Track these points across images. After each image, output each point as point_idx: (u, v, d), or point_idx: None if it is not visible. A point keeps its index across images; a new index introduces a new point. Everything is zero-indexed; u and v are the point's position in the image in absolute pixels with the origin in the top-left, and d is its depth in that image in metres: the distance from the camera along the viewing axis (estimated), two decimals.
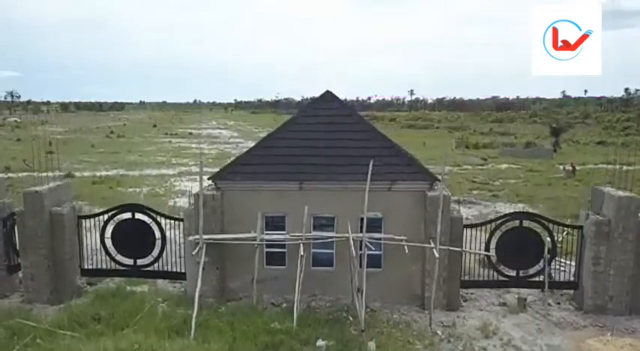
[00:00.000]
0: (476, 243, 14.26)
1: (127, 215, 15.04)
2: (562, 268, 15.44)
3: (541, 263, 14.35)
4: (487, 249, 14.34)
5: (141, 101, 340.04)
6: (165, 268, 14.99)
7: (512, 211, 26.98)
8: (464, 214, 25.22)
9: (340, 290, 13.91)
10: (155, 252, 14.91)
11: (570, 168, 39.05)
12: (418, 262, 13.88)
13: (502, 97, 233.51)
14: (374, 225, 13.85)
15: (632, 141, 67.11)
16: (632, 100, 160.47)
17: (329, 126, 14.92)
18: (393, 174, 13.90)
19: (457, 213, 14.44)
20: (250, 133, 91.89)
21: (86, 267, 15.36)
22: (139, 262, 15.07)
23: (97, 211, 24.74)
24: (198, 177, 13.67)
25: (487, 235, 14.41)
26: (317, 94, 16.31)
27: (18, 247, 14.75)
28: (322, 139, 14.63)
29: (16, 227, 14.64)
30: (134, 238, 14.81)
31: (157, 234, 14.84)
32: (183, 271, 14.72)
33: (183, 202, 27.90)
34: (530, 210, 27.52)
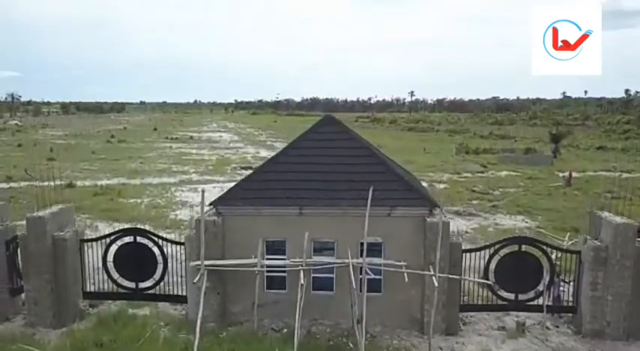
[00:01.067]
0: (476, 262, 14.30)
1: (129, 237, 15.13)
2: (561, 289, 15.52)
3: (540, 287, 14.45)
4: (486, 273, 14.41)
5: (141, 101, 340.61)
6: (167, 288, 15.04)
7: (512, 223, 27.34)
8: (463, 226, 25.58)
9: (340, 314, 14.01)
10: (157, 275, 14.99)
11: (567, 177, 39.15)
12: (418, 286, 13.97)
13: (502, 97, 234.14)
14: (374, 249, 13.95)
15: (632, 146, 67.45)
16: (632, 101, 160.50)
17: (329, 150, 15.02)
18: (392, 199, 13.97)
19: (456, 238, 14.51)
20: (250, 136, 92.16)
21: (88, 289, 15.45)
22: (141, 284, 15.17)
23: (98, 224, 25.18)
24: (198, 186, 13.77)
25: (487, 253, 14.43)
26: (317, 95, 16.36)
27: (21, 270, 14.84)
28: (322, 164, 14.72)
29: (19, 250, 14.74)
30: (136, 261, 14.90)
31: (158, 253, 14.88)
32: (184, 294, 14.80)
33: (184, 214, 28.03)
34: (530, 222, 27.67)
